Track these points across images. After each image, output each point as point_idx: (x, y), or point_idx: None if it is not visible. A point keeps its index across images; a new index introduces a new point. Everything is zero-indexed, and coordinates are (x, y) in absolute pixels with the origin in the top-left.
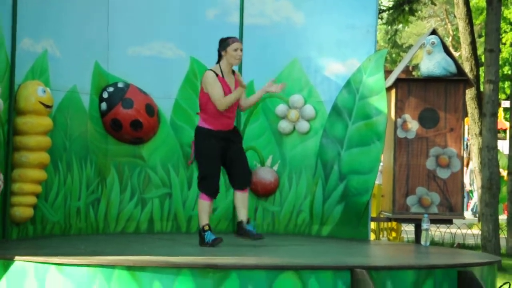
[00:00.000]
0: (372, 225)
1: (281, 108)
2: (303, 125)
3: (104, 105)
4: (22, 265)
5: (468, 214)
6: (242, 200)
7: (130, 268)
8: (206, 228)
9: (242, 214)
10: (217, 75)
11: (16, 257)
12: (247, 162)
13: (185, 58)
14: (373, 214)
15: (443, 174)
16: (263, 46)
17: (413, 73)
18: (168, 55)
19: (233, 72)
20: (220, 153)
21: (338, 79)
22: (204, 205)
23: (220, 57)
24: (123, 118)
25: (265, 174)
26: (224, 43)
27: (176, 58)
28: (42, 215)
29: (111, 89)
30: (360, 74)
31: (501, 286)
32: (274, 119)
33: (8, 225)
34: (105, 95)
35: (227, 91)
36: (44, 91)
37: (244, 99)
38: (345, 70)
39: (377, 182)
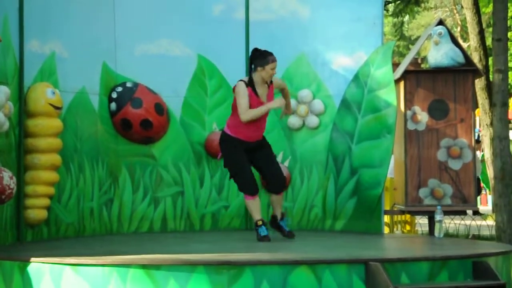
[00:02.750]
0: (386, 218)
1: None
2: (313, 120)
3: (113, 105)
4: (38, 266)
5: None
6: (277, 201)
7: (144, 266)
8: (260, 223)
9: (278, 212)
10: (247, 86)
11: (32, 259)
12: (279, 167)
13: (193, 55)
14: (387, 207)
15: (455, 165)
16: (269, 42)
17: (422, 65)
18: (176, 53)
19: (268, 83)
20: (246, 155)
21: (346, 73)
22: (249, 204)
23: (253, 68)
24: (132, 117)
25: None
26: (263, 60)
27: (184, 55)
28: (56, 217)
29: (120, 89)
30: (367, 67)
31: None
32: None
33: (23, 227)
34: (114, 95)
35: (255, 103)
36: (53, 93)
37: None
38: (353, 64)
39: (389, 175)
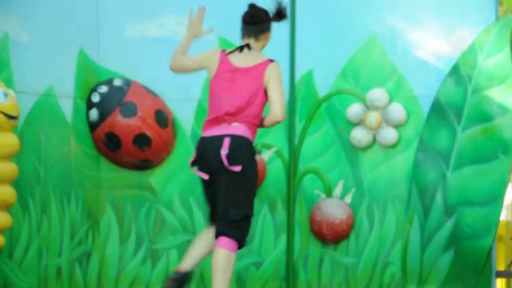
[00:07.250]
0: (500, 283)
1: (355, 109)
2: (389, 134)
3: (94, 113)
4: None
5: None
6: (210, 245)
7: None
8: None
9: (194, 263)
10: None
11: None
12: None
13: (212, 39)
14: (500, 266)
15: None
16: (323, 17)
17: None
18: None
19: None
20: None
21: (439, 63)
22: (234, 259)
23: (255, 33)
24: (122, 131)
25: (332, 209)
26: (269, 24)
27: (199, 40)
28: (5, 280)
29: (104, 89)
30: (473, 55)
31: None
32: (345, 126)
33: None
34: (96, 98)
35: (224, 69)
36: (6, 95)
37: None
38: (450, 49)
39: (503, 217)
